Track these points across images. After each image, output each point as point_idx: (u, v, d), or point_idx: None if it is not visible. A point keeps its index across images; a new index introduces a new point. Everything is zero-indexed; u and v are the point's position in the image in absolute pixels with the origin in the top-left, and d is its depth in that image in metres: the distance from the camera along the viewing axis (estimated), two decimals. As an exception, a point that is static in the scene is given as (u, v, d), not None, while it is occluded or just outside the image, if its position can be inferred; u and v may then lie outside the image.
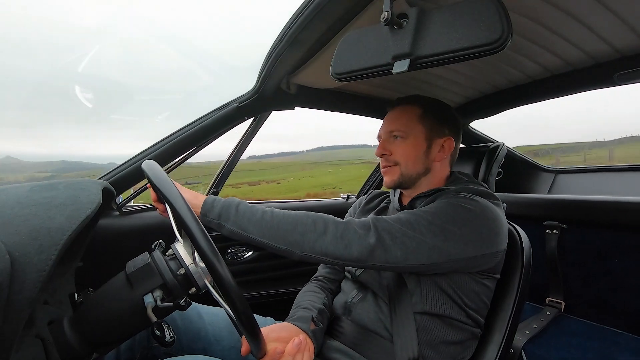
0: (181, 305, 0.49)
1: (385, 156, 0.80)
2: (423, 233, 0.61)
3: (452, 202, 0.66)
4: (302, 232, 0.60)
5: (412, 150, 0.77)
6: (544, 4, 0.67)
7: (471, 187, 0.74)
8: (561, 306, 1.31)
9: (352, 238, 0.60)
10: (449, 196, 0.70)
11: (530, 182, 1.71)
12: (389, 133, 0.80)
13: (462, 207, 0.65)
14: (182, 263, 0.52)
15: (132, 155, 0.96)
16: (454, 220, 0.63)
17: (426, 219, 0.63)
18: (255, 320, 0.47)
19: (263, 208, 0.64)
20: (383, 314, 0.72)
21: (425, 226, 0.62)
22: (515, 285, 0.73)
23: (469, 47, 0.45)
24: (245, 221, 0.61)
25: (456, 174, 0.83)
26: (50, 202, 0.45)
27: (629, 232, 1.13)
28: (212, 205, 0.63)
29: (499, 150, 1.11)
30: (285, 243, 0.60)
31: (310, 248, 0.60)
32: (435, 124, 0.78)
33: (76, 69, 68.62)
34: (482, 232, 0.64)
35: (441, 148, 0.79)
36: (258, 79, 0.91)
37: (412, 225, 0.62)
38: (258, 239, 0.61)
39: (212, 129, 0.98)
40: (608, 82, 0.94)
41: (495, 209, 0.69)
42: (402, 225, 0.62)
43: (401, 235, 0.61)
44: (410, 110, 0.79)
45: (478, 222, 0.64)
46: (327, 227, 0.61)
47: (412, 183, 0.80)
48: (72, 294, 0.52)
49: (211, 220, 0.62)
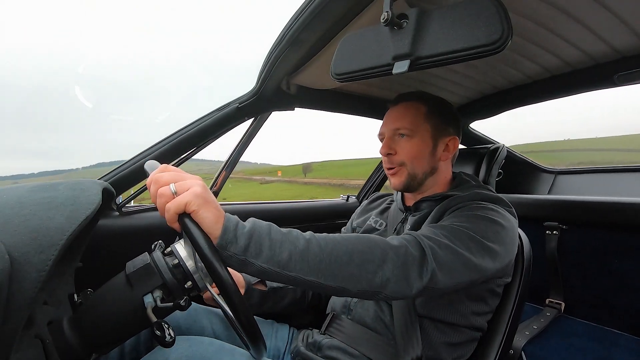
0: (181, 305, 0.49)
1: (390, 156, 0.77)
2: (470, 251, 0.57)
3: (481, 215, 0.63)
4: (359, 263, 0.48)
5: (418, 149, 0.75)
6: (544, 5, 0.67)
7: (484, 193, 0.72)
8: (561, 307, 1.31)
9: (411, 266, 0.52)
10: (471, 207, 0.66)
11: (530, 182, 1.71)
12: (394, 131, 0.77)
13: (493, 221, 0.63)
14: (182, 263, 0.52)
15: (132, 156, 0.96)
16: (489, 237, 0.60)
17: (467, 235, 0.59)
18: (255, 321, 0.47)
19: (300, 233, 0.49)
20: (384, 313, 0.72)
21: (467, 244, 0.57)
22: (515, 286, 0.73)
23: (469, 48, 0.45)
24: (285, 255, 0.45)
25: (461, 176, 0.82)
26: (50, 202, 0.45)
27: (629, 232, 1.13)
28: (236, 235, 0.44)
29: (499, 152, 1.11)
30: (338, 280, 0.47)
31: (368, 283, 0.48)
32: (440, 123, 0.77)
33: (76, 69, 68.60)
34: (508, 245, 0.63)
35: (446, 147, 0.78)
36: (258, 80, 0.91)
37: (456, 244, 0.57)
38: (302, 277, 0.46)
39: (212, 129, 0.98)
40: (608, 82, 0.94)
41: (513, 220, 0.68)
42: (450, 243, 0.56)
43: (451, 258, 0.55)
44: (415, 108, 0.77)
45: (507, 237, 0.63)
46: (386, 254, 0.51)
47: (419, 184, 0.78)
48: (72, 294, 0.52)
49: (233, 256, 0.44)
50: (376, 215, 0.91)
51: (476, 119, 1.34)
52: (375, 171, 1.60)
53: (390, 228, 0.82)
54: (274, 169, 48.58)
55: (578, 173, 1.67)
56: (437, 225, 0.62)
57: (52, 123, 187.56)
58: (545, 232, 1.32)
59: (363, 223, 0.92)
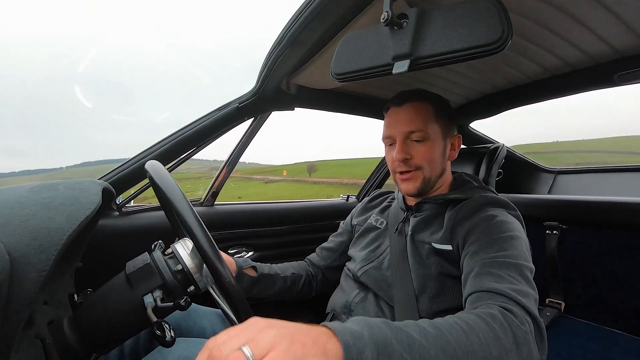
0: (181, 305, 0.49)
1: (407, 160, 0.74)
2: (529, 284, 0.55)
3: (509, 236, 0.61)
4: (498, 356, 0.41)
5: (433, 151, 0.73)
6: (544, 5, 0.67)
7: (490, 197, 0.71)
8: (561, 307, 1.31)
9: (532, 339, 0.46)
10: (493, 223, 0.64)
11: (530, 182, 1.71)
12: (407, 134, 0.73)
13: (518, 238, 0.62)
14: (182, 263, 0.52)
15: (132, 156, 0.96)
16: (524, 256, 0.60)
17: (525, 266, 0.57)
18: None
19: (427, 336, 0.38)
20: (384, 314, 0.72)
21: (527, 277, 0.56)
22: None
23: (469, 48, 0.45)
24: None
25: (462, 176, 0.82)
26: (50, 202, 0.45)
27: (629, 232, 1.13)
28: (361, 354, 0.33)
29: (499, 151, 1.12)
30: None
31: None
32: (447, 122, 0.76)
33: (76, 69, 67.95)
34: (528, 249, 0.64)
35: (452, 146, 0.78)
36: (258, 80, 0.91)
37: (529, 282, 0.55)
38: None
39: (212, 129, 0.98)
40: (608, 82, 0.94)
41: (520, 226, 0.68)
42: (528, 287, 0.54)
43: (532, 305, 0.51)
44: (425, 108, 0.74)
45: (525, 249, 0.63)
46: (516, 338, 0.44)
47: (432, 187, 0.77)
48: (72, 294, 0.52)
49: None
50: (377, 213, 0.90)
51: (476, 118, 1.34)
52: (375, 171, 1.60)
53: (391, 227, 0.82)
54: (273, 168, 47.70)
55: (578, 173, 1.67)
56: (492, 264, 0.57)
57: (36, 121, 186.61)
58: (546, 232, 1.32)
59: (364, 222, 0.91)
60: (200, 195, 1.22)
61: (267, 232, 1.27)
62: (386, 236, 0.83)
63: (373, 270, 0.78)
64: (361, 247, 0.86)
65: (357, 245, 0.88)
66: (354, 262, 0.84)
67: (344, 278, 0.87)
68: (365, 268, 0.80)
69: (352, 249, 0.89)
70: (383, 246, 0.81)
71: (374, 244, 0.84)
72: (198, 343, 0.61)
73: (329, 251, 0.97)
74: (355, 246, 0.89)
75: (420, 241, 0.73)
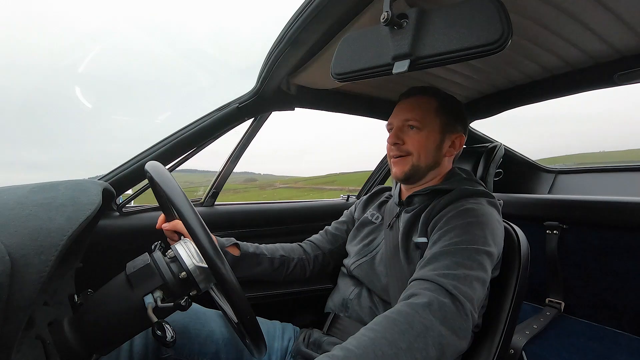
0: (182, 305, 0.49)
1: (398, 145, 0.78)
2: (481, 266, 0.59)
3: (472, 222, 0.63)
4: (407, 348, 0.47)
5: (426, 142, 0.77)
6: (544, 5, 0.67)
7: (468, 189, 0.73)
8: (561, 306, 1.31)
9: (451, 317, 0.52)
10: (459, 211, 0.66)
11: (530, 182, 1.72)
12: (404, 122, 0.78)
13: (484, 224, 0.64)
14: (183, 264, 0.52)
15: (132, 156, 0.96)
16: (487, 241, 0.62)
17: (473, 249, 0.60)
18: (257, 321, 0.47)
19: None
20: (378, 310, 0.73)
21: (476, 260, 0.59)
22: (512, 284, 0.73)
23: (469, 48, 0.45)
24: None
25: (455, 170, 0.83)
26: (51, 203, 0.45)
27: (629, 232, 1.13)
28: None
29: (497, 150, 1.12)
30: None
31: None
32: (449, 119, 0.78)
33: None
34: (497, 239, 0.65)
35: (452, 144, 0.80)
36: (258, 80, 0.91)
37: (469, 266, 0.58)
38: None
39: (212, 129, 0.98)
40: (608, 82, 0.94)
41: (494, 211, 0.69)
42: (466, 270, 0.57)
43: (473, 285, 0.56)
44: (427, 102, 0.78)
45: (496, 233, 0.65)
46: (424, 320, 0.50)
47: (420, 176, 0.79)
48: (72, 295, 0.52)
49: None
50: (374, 208, 0.92)
51: (476, 118, 1.34)
52: (376, 170, 1.60)
53: (386, 222, 0.83)
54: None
55: (578, 173, 1.67)
56: (440, 252, 0.61)
57: (53, 133, 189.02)
58: (546, 232, 1.32)
59: (362, 216, 0.93)
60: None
61: (267, 232, 1.27)
62: (381, 231, 0.84)
63: (365, 265, 0.79)
64: (356, 242, 0.87)
65: (352, 239, 0.90)
66: (349, 257, 0.85)
67: (341, 276, 0.87)
68: (358, 262, 0.81)
69: (348, 244, 0.90)
70: (376, 241, 0.82)
71: (368, 238, 0.85)
72: None
73: (334, 236, 0.97)
74: (351, 241, 0.90)
75: (409, 236, 0.74)
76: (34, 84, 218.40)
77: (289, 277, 0.90)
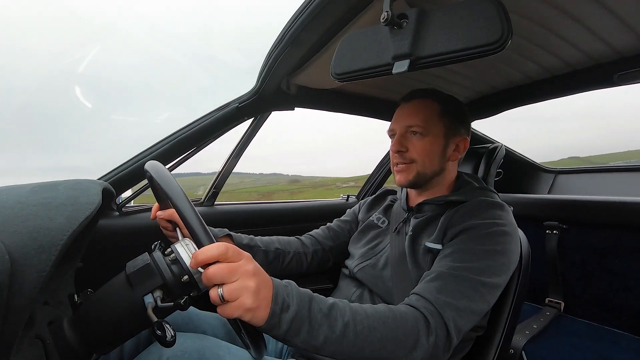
0: (181, 305, 0.49)
1: (401, 153, 0.76)
2: (483, 298, 0.59)
3: (489, 249, 0.62)
4: (391, 350, 0.51)
5: (430, 148, 0.75)
6: (544, 5, 0.67)
7: (488, 201, 0.71)
8: (561, 306, 1.31)
9: (440, 349, 0.54)
10: (480, 234, 0.65)
11: (530, 182, 1.72)
12: (407, 128, 0.76)
13: (502, 253, 0.63)
14: (183, 264, 0.52)
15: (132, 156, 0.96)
16: (497, 271, 0.61)
17: (479, 282, 0.59)
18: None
19: (340, 314, 0.50)
20: None
21: (480, 292, 0.59)
22: (513, 285, 0.73)
23: (469, 48, 0.45)
24: (321, 339, 0.47)
25: (464, 177, 0.82)
26: (51, 202, 0.45)
27: (629, 232, 1.13)
28: (279, 322, 0.46)
29: (498, 151, 1.12)
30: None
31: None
32: (452, 123, 0.77)
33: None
34: (511, 265, 0.65)
35: (456, 147, 0.78)
36: (258, 79, 0.91)
37: (472, 297, 0.58)
38: (335, 358, 0.50)
39: (212, 129, 0.98)
40: (608, 82, 0.94)
41: (515, 231, 0.68)
42: (469, 302, 0.58)
43: (469, 319, 0.58)
44: (429, 106, 0.76)
45: (511, 262, 0.65)
46: (418, 339, 0.53)
47: (426, 182, 0.78)
48: (72, 294, 0.52)
49: (276, 335, 0.47)
50: (380, 212, 0.91)
51: (476, 118, 1.34)
52: (375, 170, 1.60)
53: (392, 226, 0.83)
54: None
55: (578, 173, 1.67)
56: (449, 274, 0.60)
57: (58, 138, 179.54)
58: (546, 232, 1.32)
59: (367, 219, 0.92)
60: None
61: (267, 232, 1.26)
62: (386, 235, 0.83)
63: (369, 268, 0.78)
64: (361, 245, 0.86)
65: (356, 241, 0.89)
66: (352, 259, 0.84)
67: (342, 278, 0.87)
68: (361, 265, 0.80)
69: (352, 245, 0.89)
70: (382, 245, 0.82)
71: (374, 241, 0.84)
72: (195, 337, 0.60)
73: (336, 233, 0.96)
74: (354, 243, 0.89)
75: (418, 242, 0.73)
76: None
77: (285, 270, 0.88)
